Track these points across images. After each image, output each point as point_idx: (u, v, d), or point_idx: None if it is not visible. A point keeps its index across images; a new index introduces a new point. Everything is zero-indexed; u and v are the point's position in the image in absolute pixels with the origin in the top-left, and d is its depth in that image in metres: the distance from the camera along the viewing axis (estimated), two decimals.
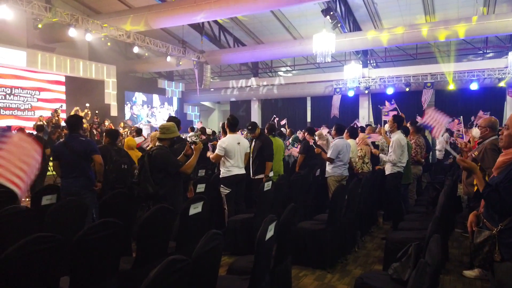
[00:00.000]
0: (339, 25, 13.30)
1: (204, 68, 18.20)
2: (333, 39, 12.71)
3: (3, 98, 14.25)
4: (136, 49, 14.80)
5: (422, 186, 7.08)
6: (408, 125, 6.55)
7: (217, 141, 5.93)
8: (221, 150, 4.91)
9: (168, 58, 16.41)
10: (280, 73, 23.33)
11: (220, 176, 5.05)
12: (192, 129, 11.69)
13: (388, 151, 5.70)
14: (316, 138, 7.17)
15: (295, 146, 8.61)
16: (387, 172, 5.43)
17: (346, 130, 6.19)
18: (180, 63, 17.29)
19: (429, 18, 15.32)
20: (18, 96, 14.76)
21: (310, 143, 6.39)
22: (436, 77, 16.53)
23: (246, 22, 17.32)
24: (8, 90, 14.38)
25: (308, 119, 20.80)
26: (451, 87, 16.39)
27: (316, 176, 5.99)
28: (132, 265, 2.83)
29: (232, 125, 5.10)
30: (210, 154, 5.34)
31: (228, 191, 4.93)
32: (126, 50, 19.34)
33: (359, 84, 17.88)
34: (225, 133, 5.47)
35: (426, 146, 6.70)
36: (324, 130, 9.53)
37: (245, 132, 9.02)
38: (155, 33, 16.13)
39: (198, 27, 16.74)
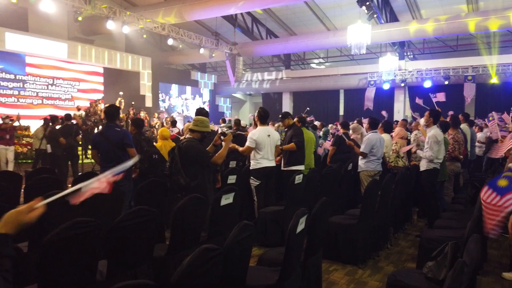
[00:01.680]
0: (375, 15, 12.91)
1: (236, 60, 18.27)
2: (369, 30, 12.39)
3: (46, 88, 14.94)
4: (170, 41, 15.06)
5: (460, 183, 6.81)
6: (448, 119, 6.32)
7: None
8: (251, 142, 4.92)
9: (201, 50, 16.58)
10: (312, 65, 23.03)
11: (250, 168, 5.07)
12: (224, 121, 11.80)
13: (423, 146, 5.51)
14: (350, 131, 7.05)
15: (328, 139, 8.51)
16: (422, 169, 5.26)
17: (380, 124, 6.04)
18: (213, 55, 17.44)
19: (471, 7, 14.59)
20: (60, 87, 15.44)
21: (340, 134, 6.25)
22: (478, 70, 15.76)
23: (279, 13, 17.18)
24: (50, 80, 15.06)
25: (341, 112, 20.47)
26: (494, 80, 15.57)
27: (348, 170, 5.90)
28: (166, 252, 2.91)
29: (263, 117, 5.09)
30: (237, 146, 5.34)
31: (258, 183, 4.95)
32: (161, 42, 19.71)
33: (395, 76, 17.37)
34: (255, 126, 5.47)
35: (464, 141, 6.43)
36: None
37: (276, 125, 9.00)
38: (189, 25, 16.33)
39: (231, 19, 16.79)
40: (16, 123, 9.24)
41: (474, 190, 4.60)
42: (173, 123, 10.56)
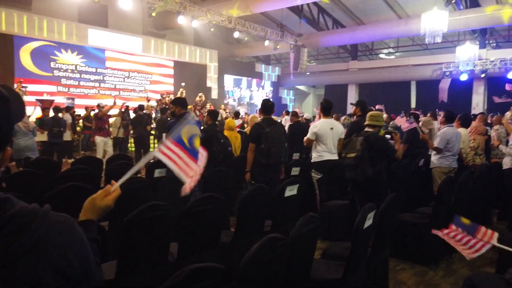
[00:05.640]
0: (453, 1, 11.96)
1: (301, 51, 18.07)
2: (446, 17, 11.53)
3: (122, 80, 16.05)
4: (236, 34, 15.30)
5: None
6: None
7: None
8: (312, 134, 4.83)
9: (266, 42, 16.64)
10: (381, 55, 22.02)
11: (312, 161, 5.00)
12: (287, 113, 11.74)
13: (506, 142, 5.02)
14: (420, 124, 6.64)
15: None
16: (505, 167, 4.81)
17: (457, 118, 5.62)
18: (278, 47, 17.41)
19: None
20: (134, 79, 16.50)
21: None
22: None
23: (346, 2, 16.62)
24: (126, 73, 16.15)
25: (413, 105, 19.35)
26: None
27: (419, 166, 5.57)
28: (232, 239, 3.00)
29: (326, 109, 4.96)
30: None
31: (320, 176, 4.86)
32: (227, 35, 20.14)
33: (474, 67, 15.96)
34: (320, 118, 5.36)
35: None
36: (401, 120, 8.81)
37: (342, 117, 8.78)
38: (255, 17, 16.45)
39: (297, 10, 16.59)
40: (114, 111, 8.79)
41: None
42: (236, 114, 10.79)
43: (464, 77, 16.28)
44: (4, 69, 11.96)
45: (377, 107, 11.65)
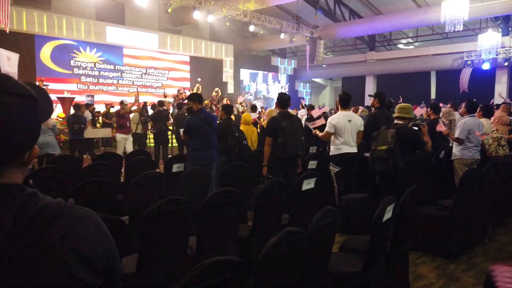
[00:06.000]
0: None
1: (317, 43, 17.85)
2: (467, 5, 11.19)
3: (140, 77, 16.26)
4: (252, 28, 15.24)
5: None
6: None
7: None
8: (330, 127, 4.78)
9: (282, 35, 16.53)
10: (400, 45, 21.58)
11: (330, 154, 4.96)
12: (303, 106, 11.68)
13: None
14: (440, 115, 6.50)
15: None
16: None
17: (479, 108, 5.48)
18: (294, 39, 17.26)
19: None
20: (152, 75, 16.68)
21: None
22: None
23: None
24: (144, 70, 16.34)
25: (432, 96, 18.92)
26: None
27: (440, 158, 5.46)
28: (249, 233, 3.01)
29: (344, 101, 4.89)
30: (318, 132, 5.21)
31: (337, 170, 4.82)
32: (242, 29, 20.09)
33: (497, 55, 15.46)
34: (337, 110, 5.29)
35: None
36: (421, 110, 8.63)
37: (360, 109, 8.68)
38: (270, 10, 16.34)
39: (312, 1, 16.40)
40: (134, 107, 8.65)
41: None
42: (253, 108, 10.80)
43: (486, 66, 15.82)
44: (26, 68, 12.26)
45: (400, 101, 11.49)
